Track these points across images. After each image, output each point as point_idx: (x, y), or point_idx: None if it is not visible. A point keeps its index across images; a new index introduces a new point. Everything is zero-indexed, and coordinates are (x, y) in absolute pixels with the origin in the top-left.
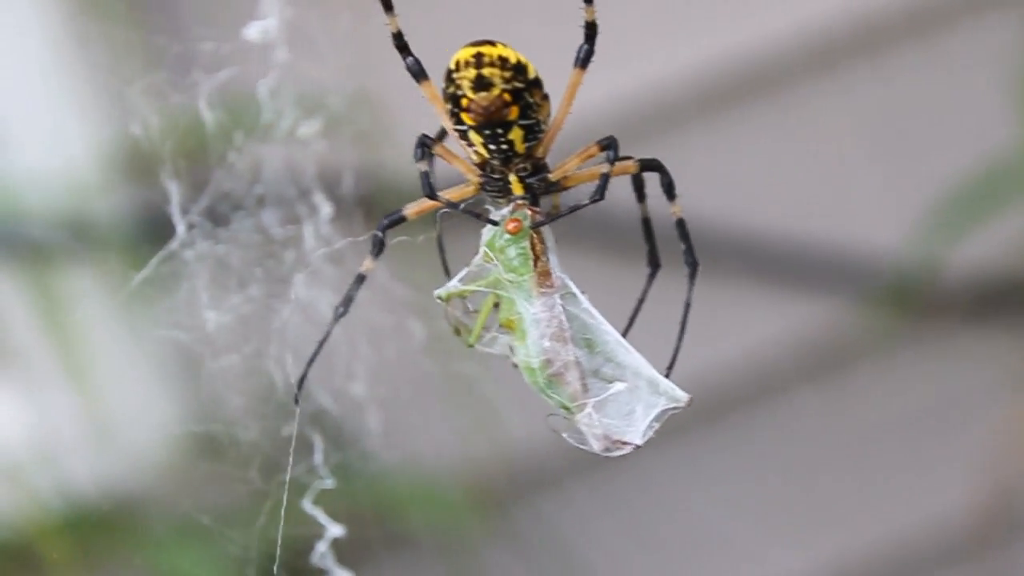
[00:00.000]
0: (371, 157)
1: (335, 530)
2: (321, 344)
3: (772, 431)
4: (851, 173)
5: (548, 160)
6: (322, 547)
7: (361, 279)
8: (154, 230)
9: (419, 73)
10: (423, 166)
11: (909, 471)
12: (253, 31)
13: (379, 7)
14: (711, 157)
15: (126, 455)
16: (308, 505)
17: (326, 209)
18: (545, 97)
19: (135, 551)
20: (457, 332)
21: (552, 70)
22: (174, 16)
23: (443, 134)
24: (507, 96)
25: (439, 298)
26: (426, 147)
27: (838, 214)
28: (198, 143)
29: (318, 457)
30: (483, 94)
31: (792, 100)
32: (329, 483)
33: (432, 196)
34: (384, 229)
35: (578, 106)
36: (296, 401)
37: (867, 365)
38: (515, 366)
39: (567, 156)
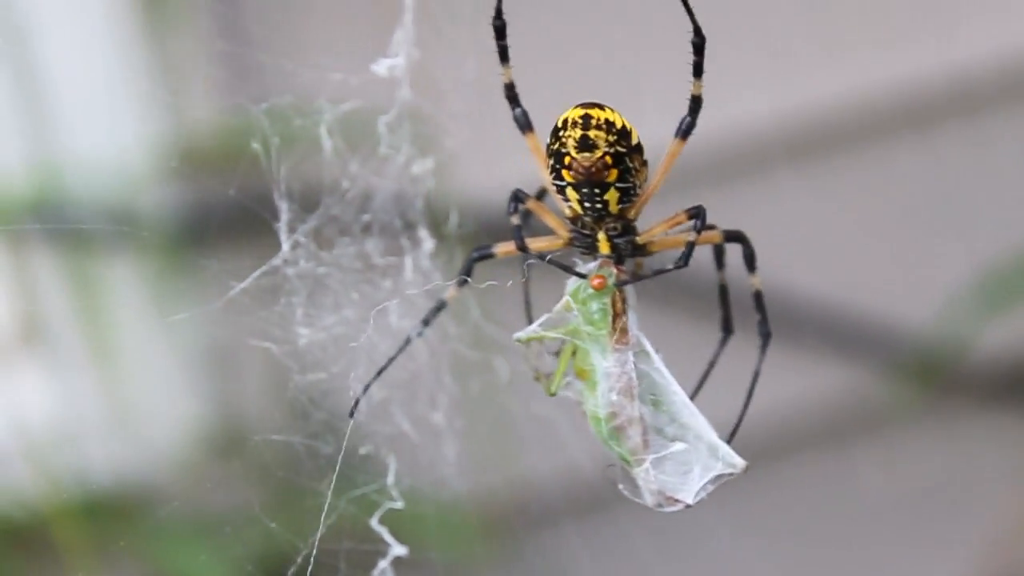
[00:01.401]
0: (477, 199)
1: (398, 549)
2: (391, 360)
3: (786, 490)
4: (890, 242)
5: (638, 223)
6: (383, 564)
7: (442, 305)
8: (252, 239)
9: (525, 125)
10: (515, 219)
11: (915, 544)
12: (381, 67)
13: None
14: (753, 213)
15: (146, 447)
16: (375, 523)
17: (428, 244)
18: (644, 163)
19: (147, 544)
20: (537, 378)
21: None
22: (306, 45)
23: (542, 192)
24: (609, 159)
25: (518, 341)
26: (519, 201)
27: (872, 281)
28: (313, 166)
29: (391, 479)
30: (586, 154)
31: (839, 164)
32: (399, 504)
33: (523, 248)
34: (473, 262)
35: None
36: (351, 415)
37: (886, 435)
38: (584, 414)
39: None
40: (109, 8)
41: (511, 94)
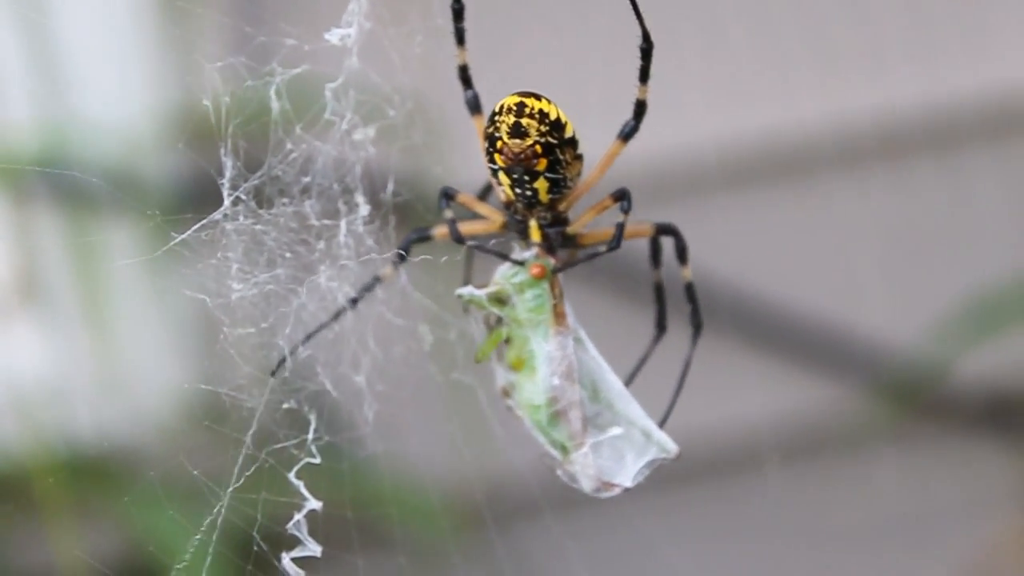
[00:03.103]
0: (416, 171)
1: (313, 503)
2: (322, 326)
3: (757, 500)
4: (868, 266)
5: (571, 215)
6: (298, 516)
7: (377, 281)
8: (198, 198)
9: (475, 107)
10: (449, 213)
11: (884, 569)
12: (334, 36)
13: (453, 37)
14: (735, 228)
15: (131, 408)
16: (292, 477)
17: (364, 209)
18: (578, 157)
19: (124, 505)
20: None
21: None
22: (267, 10)
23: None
24: (539, 148)
25: (459, 296)
26: (450, 198)
27: (850, 303)
28: (261, 128)
29: (310, 435)
30: (516, 141)
31: (818, 188)
32: (316, 460)
33: (459, 240)
34: (411, 243)
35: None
36: (273, 374)
37: (863, 455)
38: (509, 408)
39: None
40: None
41: (464, 76)
